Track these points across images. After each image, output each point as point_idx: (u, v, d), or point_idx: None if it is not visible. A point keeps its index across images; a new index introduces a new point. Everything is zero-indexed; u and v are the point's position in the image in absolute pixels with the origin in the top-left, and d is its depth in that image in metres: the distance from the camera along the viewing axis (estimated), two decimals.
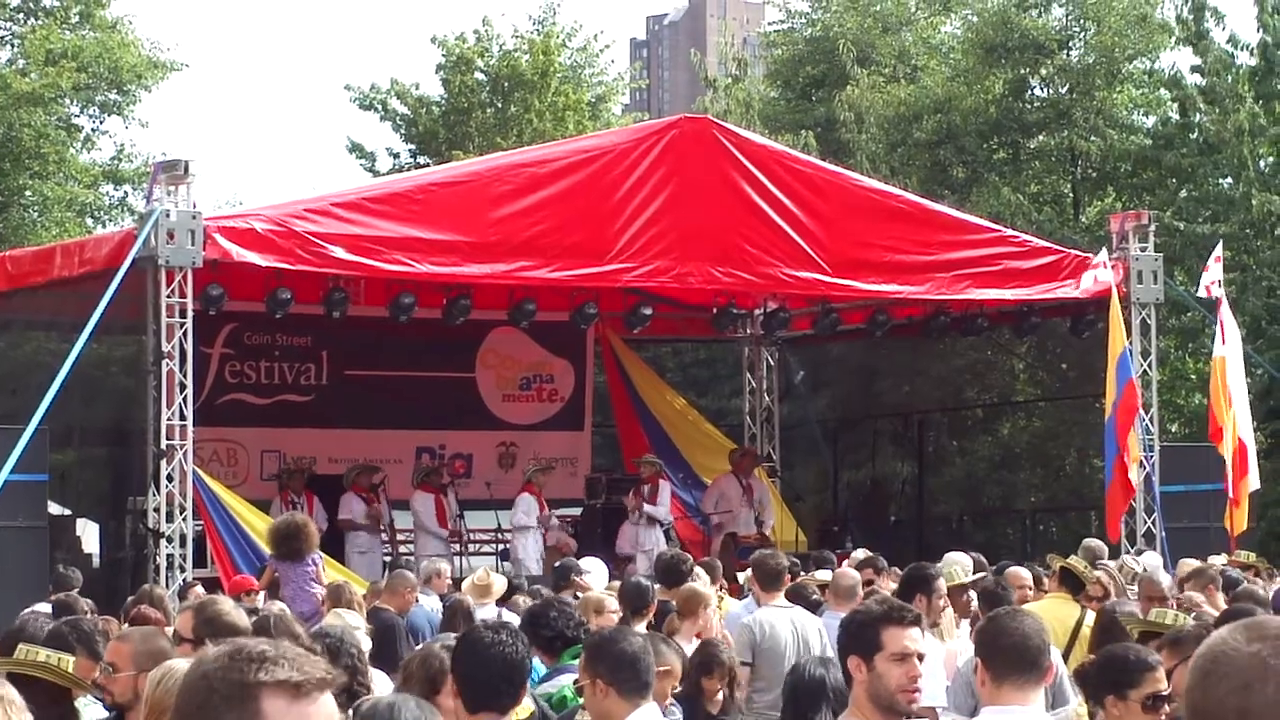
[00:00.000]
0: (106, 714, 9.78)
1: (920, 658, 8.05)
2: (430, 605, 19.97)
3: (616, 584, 19.94)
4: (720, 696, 12.82)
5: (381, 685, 11.02)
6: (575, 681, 10.01)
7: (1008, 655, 8.05)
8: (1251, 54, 40.15)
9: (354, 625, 14.57)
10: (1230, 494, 26.06)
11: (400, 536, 29.40)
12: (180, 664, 8.00)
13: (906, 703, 8.12)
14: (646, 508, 29.14)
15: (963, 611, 15.95)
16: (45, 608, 17.99)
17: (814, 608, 15.93)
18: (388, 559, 27.40)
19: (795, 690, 11.19)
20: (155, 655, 8.58)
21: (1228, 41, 39.89)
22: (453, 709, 8.56)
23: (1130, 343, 27.14)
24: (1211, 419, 26.72)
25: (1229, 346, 27.02)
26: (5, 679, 7.95)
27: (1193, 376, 30.88)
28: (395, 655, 13.11)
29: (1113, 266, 27.79)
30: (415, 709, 5.59)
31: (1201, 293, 28.53)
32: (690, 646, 14.32)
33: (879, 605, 9.73)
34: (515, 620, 14.07)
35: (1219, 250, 28.31)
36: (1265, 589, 18.45)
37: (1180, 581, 18.67)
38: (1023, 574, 19.58)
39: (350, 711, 7.27)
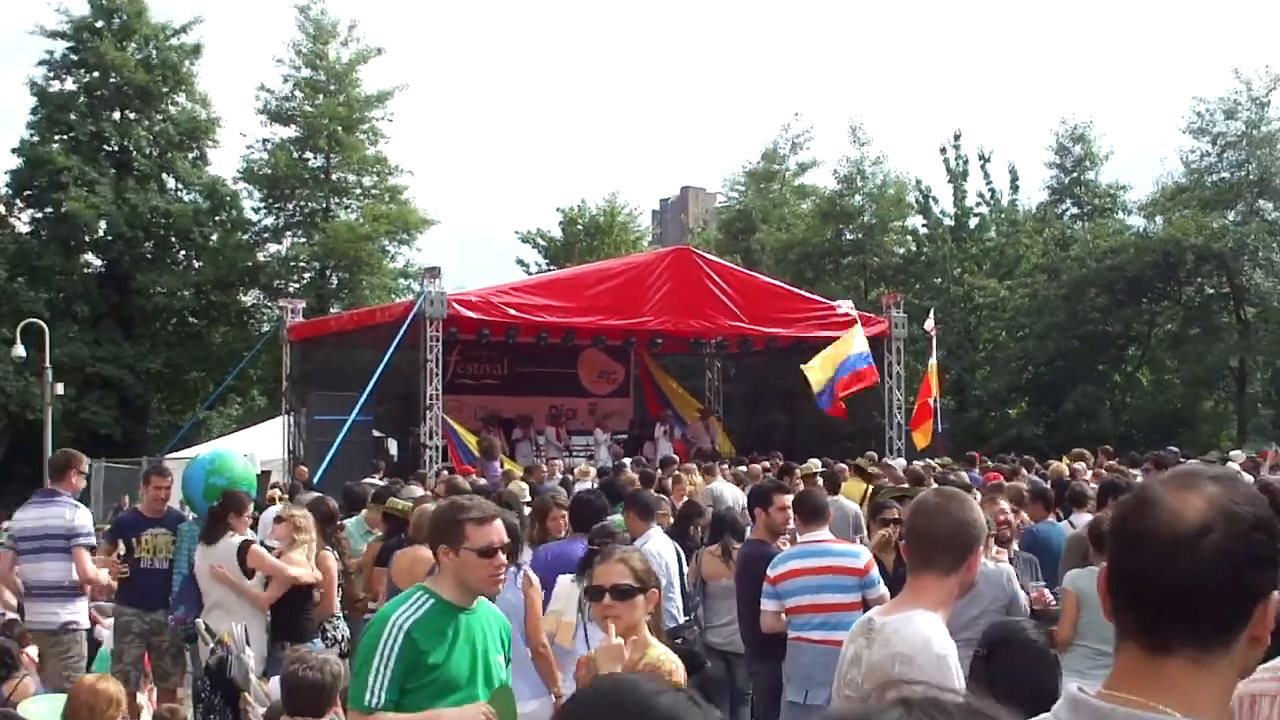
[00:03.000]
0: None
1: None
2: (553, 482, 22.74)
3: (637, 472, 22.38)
4: (693, 530, 14.40)
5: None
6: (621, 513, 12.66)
7: (807, 509, 11.31)
8: (950, 217, 61.57)
9: (521, 490, 19.21)
10: (913, 426, 32.88)
11: (545, 452, 33.26)
12: (429, 508, 11.49)
13: (783, 524, 11.87)
14: (658, 430, 36.26)
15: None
16: (372, 480, 22.49)
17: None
18: (538, 459, 30.31)
19: (718, 521, 13.77)
20: (423, 508, 11.85)
21: (940, 211, 61.03)
22: (561, 527, 12.42)
23: (892, 359, 35.41)
24: (925, 385, 33.09)
25: (934, 359, 33.87)
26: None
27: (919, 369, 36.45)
28: (544, 505, 13.18)
29: (881, 319, 35.76)
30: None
31: (928, 329, 34.41)
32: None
33: (771, 482, 14.85)
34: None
35: (932, 314, 36.07)
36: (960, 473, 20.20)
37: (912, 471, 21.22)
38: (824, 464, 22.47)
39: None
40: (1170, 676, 2.53)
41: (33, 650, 13.13)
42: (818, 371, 30.80)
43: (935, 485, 11.89)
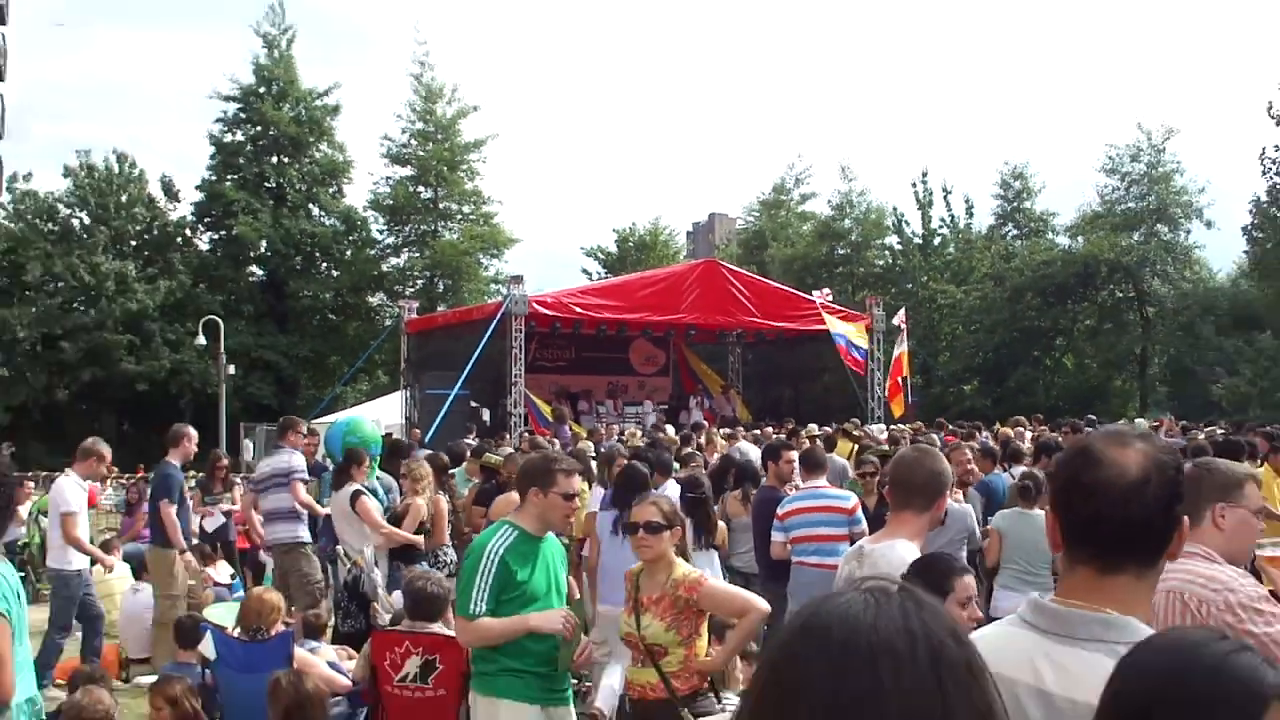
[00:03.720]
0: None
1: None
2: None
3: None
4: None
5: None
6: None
7: (808, 463, 11.24)
8: (919, 237, 61.37)
9: (587, 447, 18.51)
10: (889, 399, 32.94)
11: (604, 419, 32.42)
12: (520, 459, 11.56)
13: (790, 474, 11.79)
14: (692, 402, 35.76)
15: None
16: (468, 440, 22.05)
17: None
18: (599, 424, 29.52)
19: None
20: (518, 463, 11.16)
21: (910, 232, 60.89)
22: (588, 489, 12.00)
23: (873, 346, 34.56)
24: (896, 366, 33.02)
25: (905, 347, 33.66)
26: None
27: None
28: (612, 455, 13.35)
29: (864, 316, 35.08)
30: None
31: (898, 322, 34.15)
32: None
33: (780, 441, 14.76)
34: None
35: (904, 312, 35.15)
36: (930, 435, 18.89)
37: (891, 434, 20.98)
38: (816, 429, 22.10)
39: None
40: (1118, 589, 2.63)
41: (222, 567, 13.71)
42: (843, 329, 32.37)
43: (910, 445, 11.36)
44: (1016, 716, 2.54)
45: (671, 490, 11.21)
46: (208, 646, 9.93)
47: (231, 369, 47.85)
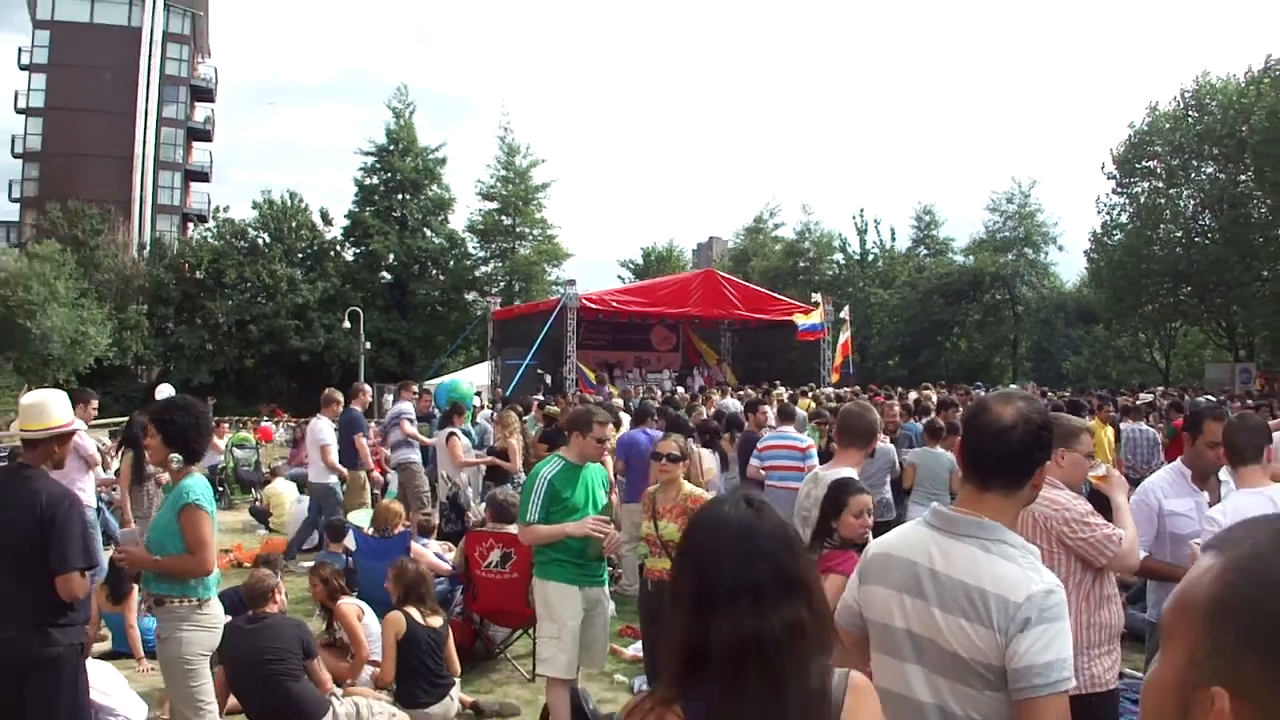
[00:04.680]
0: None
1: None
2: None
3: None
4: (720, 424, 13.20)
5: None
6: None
7: (781, 414, 11.32)
8: (858, 255, 61.88)
9: (618, 403, 17.41)
10: (835, 371, 32.04)
11: (632, 382, 30.97)
12: (555, 410, 14.51)
13: (765, 421, 11.63)
14: (695, 371, 34.55)
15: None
16: (537, 396, 22.89)
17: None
18: (629, 386, 28.97)
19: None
20: (566, 414, 11.46)
21: (851, 251, 61.43)
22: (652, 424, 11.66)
23: (823, 333, 32.95)
24: (842, 348, 32.34)
25: (847, 334, 33.14)
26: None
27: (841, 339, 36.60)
28: (645, 410, 12.41)
29: (818, 308, 33.10)
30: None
31: (843, 316, 33.54)
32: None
33: (758, 398, 15.71)
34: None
35: (847, 309, 34.70)
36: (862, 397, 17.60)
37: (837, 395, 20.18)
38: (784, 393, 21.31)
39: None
40: (990, 503, 2.67)
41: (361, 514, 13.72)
42: (802, 319, 31.59)
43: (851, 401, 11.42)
44: (914, 587, 2.63)
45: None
46: (350, 541, 10.22)
47: (368, 345, 48.49)
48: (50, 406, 5.37)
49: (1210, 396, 21.58)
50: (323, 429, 13.09)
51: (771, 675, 2.02)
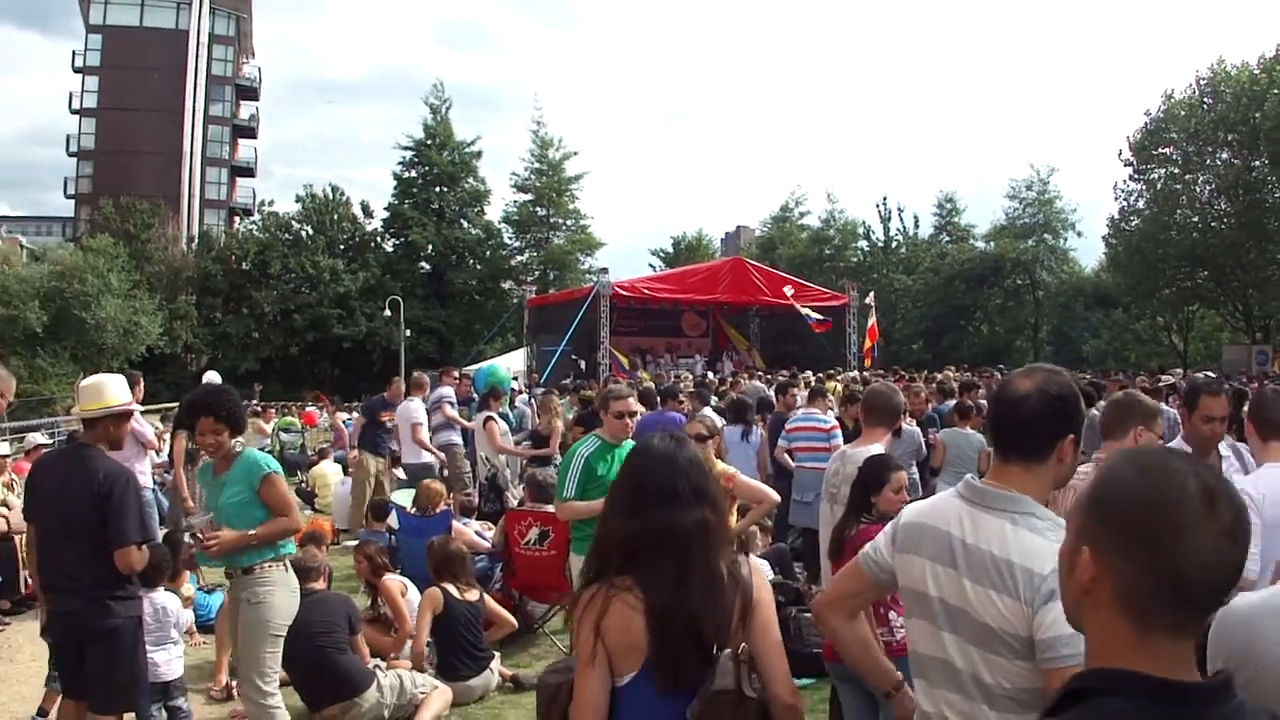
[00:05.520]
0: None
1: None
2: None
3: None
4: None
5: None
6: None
7: (809, 394, 11.75)
8: (881, 242, 61.72)
9: (651, 387, 15.00)
10: (866, 355, 32.21)
11: (664, 367, 31.47)
12: (591, 394, 14.13)
13: (794, 403, 12.36)
14: (725, 356, 34.67)
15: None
16: (571, 380, 22.27)
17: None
18: (660, 371, 29.87)
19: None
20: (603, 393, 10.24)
21: (875, 239, 61.48)
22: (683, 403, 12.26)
23: (850, 318, 33.74)
24: (870, 332, 32.18)
25: (873, 319, 32.87)
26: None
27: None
28: (673, 391, 13.27)
29: (844, 296, 33.97)
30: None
31: (869, 301, 33.50)
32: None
33: (787, 381, 15.22)
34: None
35: (873, 295, 34.44)
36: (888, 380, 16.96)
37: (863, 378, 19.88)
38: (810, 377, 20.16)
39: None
40: (1013, 475, 2.63)
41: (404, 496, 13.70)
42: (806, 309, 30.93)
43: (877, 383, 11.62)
44: (947, 557, 2.62)
45: (709, 414, 10.99)
46: (393, 520, 10.27)
47: (408, 333, 48.42)
48: (107, 387, 5.47)
49: (1234, 379, 21.36)
50: (415, 409, 13.21)
51: (684, 558, 2.72)
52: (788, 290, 32.16)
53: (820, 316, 31.60)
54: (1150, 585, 1.56)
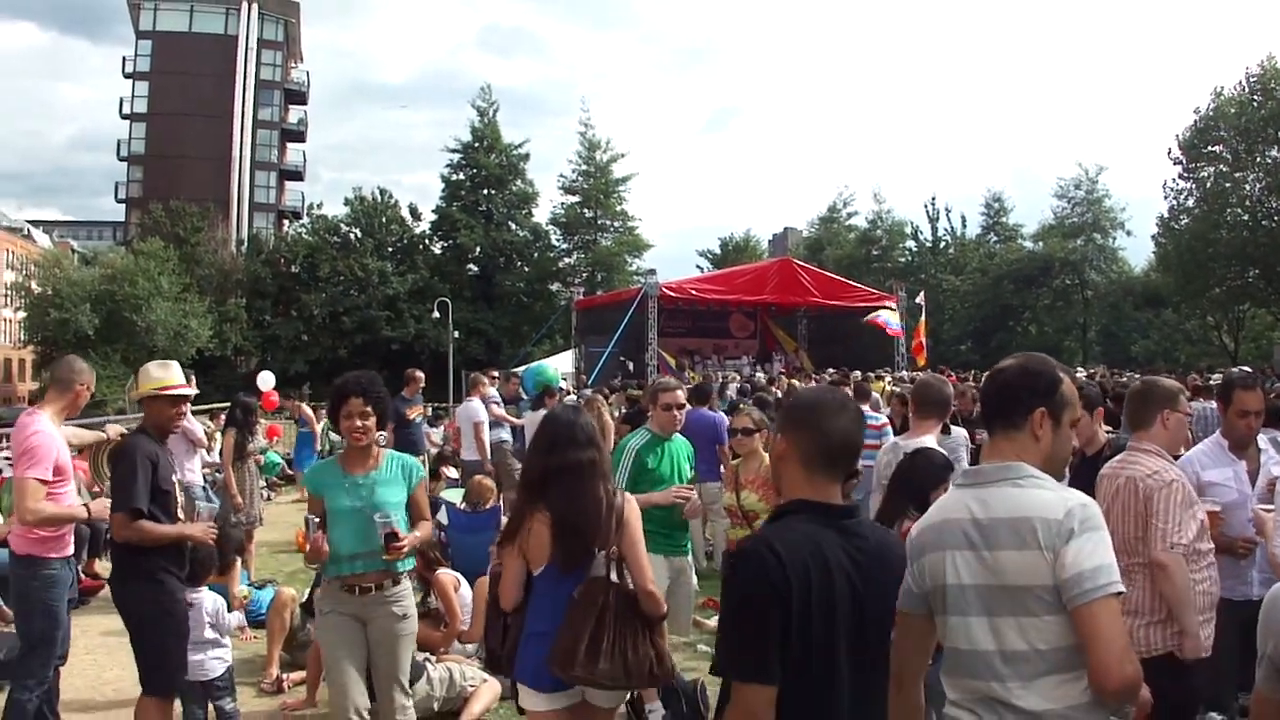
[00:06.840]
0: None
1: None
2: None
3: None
4: None
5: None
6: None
7: (858, 393, 11.60)
8: (930, 242, 61.84)
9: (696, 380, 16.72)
10: (915, 354, 31.49)
11: (711, 368, 31.02)
12: (638, 393, 14.09)
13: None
14: (774, 357, 33.85)
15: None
16: (618, 381, 21.13)
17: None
18: (708, 371, 29.03)
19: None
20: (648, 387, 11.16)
21: (923, 239, 61.74)
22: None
23: (903, 319, 32.49)
24: (916, 335, 31.65)
25: (922, 319, 32.75)
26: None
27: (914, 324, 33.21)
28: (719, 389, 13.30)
29: (894, 296, 32.76)
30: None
31: (919, 301, 33.31)
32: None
33: (834, 383, 15.63)
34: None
35: (922, 295, 34.17)
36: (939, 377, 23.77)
37: (912, 376, 20.38)
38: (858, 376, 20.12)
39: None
40: (1002, 449, 2.77)
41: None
42: (885, 315, 30.82)
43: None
44: (962, 542, 2.69)
45: (753, 409, 11.13)
46: (443, 515, 10.32)
47: (456, 335, 48.69)
48: (162, 368, 5.66)
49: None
50: (477, 409, 13.53)
51: (577, 485, 4.04)
52: (865, 318, 31.48)
53: (898, 324, 31.64)
54: (813, 448, 2.72)
